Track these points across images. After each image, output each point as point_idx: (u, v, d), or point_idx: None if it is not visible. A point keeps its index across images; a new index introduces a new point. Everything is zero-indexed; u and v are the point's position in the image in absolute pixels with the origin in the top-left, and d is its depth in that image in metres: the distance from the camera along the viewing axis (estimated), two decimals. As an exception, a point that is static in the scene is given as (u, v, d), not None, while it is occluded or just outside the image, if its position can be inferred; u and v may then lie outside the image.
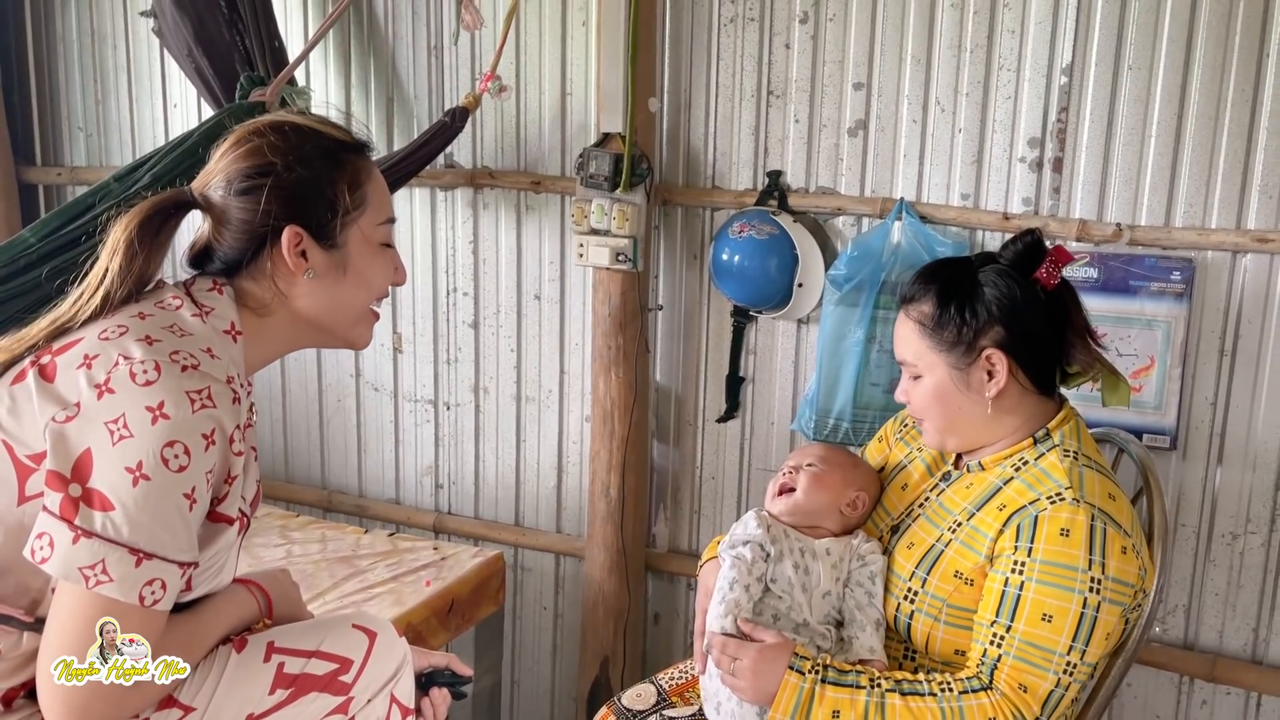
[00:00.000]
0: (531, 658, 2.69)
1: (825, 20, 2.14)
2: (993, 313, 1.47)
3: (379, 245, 1.31)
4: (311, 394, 2.79)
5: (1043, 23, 1.99)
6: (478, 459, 2.65)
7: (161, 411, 1.08)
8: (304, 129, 1.28)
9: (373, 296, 1.33)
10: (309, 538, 2.50)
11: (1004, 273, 1.49)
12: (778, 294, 2.20)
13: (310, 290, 1.27)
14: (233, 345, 1.23)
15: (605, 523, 2.41)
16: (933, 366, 1.51)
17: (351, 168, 1.28)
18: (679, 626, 2.53)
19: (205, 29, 2.23)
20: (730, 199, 2.27)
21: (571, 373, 2.51)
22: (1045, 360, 1.52)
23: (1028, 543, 1.40)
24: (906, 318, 1.54)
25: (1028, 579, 1.38)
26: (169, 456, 1.08)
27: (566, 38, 2.34)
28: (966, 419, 1.52)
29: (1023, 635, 1.37)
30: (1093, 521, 1.39)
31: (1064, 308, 1.53)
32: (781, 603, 1.52)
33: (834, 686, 1.39)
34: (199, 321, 1.20)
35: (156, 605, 1.11)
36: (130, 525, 1.08)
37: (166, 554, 1.10)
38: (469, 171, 2.49)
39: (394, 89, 2.53)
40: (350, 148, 1.30)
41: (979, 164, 2.09)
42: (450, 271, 2.57)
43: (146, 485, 1.07)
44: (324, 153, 1.26)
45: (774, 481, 1.65)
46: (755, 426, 2.37)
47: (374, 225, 1.30)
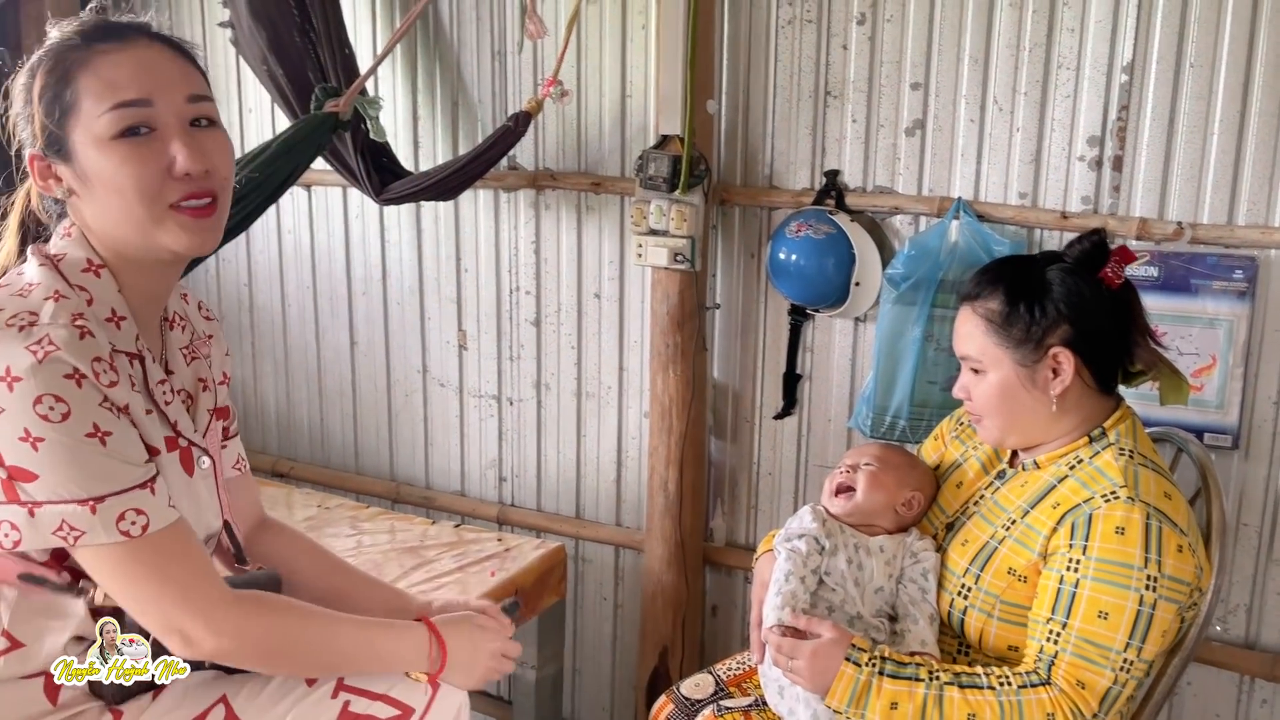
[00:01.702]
0: (592, 647, 2.75)
1: (883, 21, 2.16)
2: (1061, 310, 1.49)
3: (110, 138, 1.15)
4: (380, 389, 2.88)
5: (1103, 21, 1.99)
6: (539, 453, 2.71)
7: (12, 376, 1.07)
8: (38, 47, 1.20)
9: (142, 198, 1.16)
10: (378, 528, 2.59)
11: (1071, 271, 1.51)
12: (834, 292, 2.22)
13: (84, 206, 1.19)
14: (97, 280, 1.19)
15: (664, 516, 2.46)
16: (998, 362, 1.52)
17: (61, 66, 1.17)
18: (736, 618, 2.57)
19: (279, 37, 2.31)
20: (787, 199, 2.30)
21: (630, 369, 2.56)
22: (1110, 359, 1.53)
23: (1082, 540, 1.41)
24: (972, 313, 1.54)
25: (1083, 576, 1.40)
26: (44, 412, 1.07)
27: (626, 42, 2.39)
28: (1029, 416, 1.53)
29: (1079, 632, 1.39)
30: (1148, 520, 1.40)
31: (1128, 307, 1.54)
32: (835, 595, 1.56)
33: (891, 679, 1.42)
34: (46, 270, 1.17)
35: (149, 528, 1.12)
36: (58, 483, 1.08)
37: (112, 489, 1.10)
38: (531, 173, 2.55)
39: (459, 94, 2.60)
40: (68, 45, 1.18)
41: (1037, 163, 2.09)
42: (513, 271, 2.64)
43: (44, 445, 1.07)
44: (34, 68, 1.18)
45: (831, 479, 1.68)
46: (812, 423, 2.40)
47: (95, 119, 1.15)
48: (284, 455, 3.04)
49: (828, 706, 1.44)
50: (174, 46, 1.22)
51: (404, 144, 2.65)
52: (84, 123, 1.15)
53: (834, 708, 1.43)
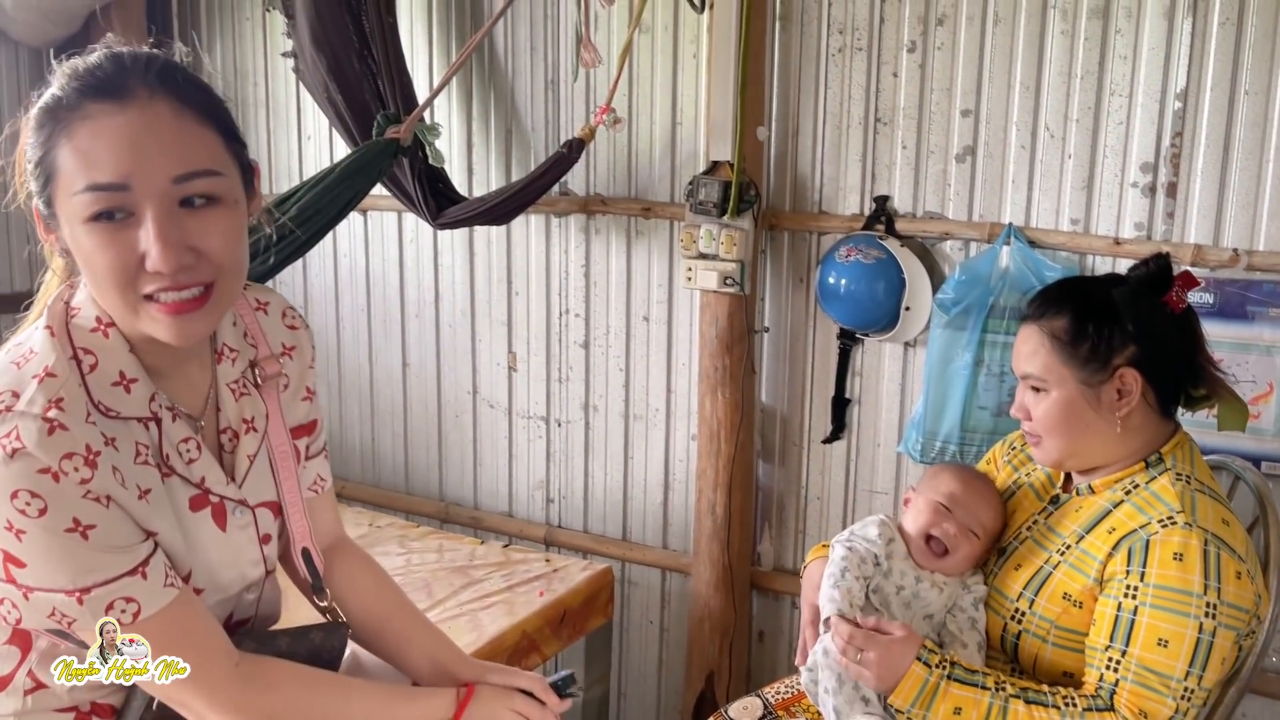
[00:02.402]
0: (638, 670, 2.75)
1: (933, 49, 2.18)
2: (1129, 331, 1.48)
3: (84, 221, 1.03)
4: (431, 410, 2.92)
5: (1156, 48, 1.99)
6: (587, 475, 2.74)
7: None
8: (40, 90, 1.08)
9: (112, 282, 1.05)
10: (427, 547, 2.62)
11: (1138, 292, 1.50)
12: (884, 317, 2.23)
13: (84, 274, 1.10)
14: (105, 341, 1.11)
15: (711, 540, 2.46)
16: (1062, 381, 1.50)
17: (49, 129, 1.05)
18: (783, 644, 2.56)
19: (340, 66, 2.38)
20: (837, 224, 2.31)
21: (678, 392, 2.58)
22: (1175, 381, 1.52)
23: (1140, 566, 1.40)
24: (1037, 330, 1.53)
25: (1141, 603, 1.39)
26: (21, 507, 1.02)
27: (678, 70, 2.43)
28: (1091, 437, 1.52)
29: (1139, 660, 1.37)
30: (1206, 546, 1.39)
31: (1191, 331, 1.53)
32: (880, 614, 1.56)
33: (959, 684, 1.42)
34: (48, 337, 1.10)
35: (141, 614, 1.08)
36: (44, 574, 1.05)
37: (98, 579, 1.06)
38: (582, 199, 2.59)
39: (512, 122, 2.65)
40: (60, 102, 1.05)
41: (1089, 189, 2.09)
42: (563, 294, 2.68)
43: (28, 538, 1.03)
44: (32, 121, 1.07)
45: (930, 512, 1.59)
46: (861, 448, 2.40)
47: (69, 196, 1.03)
48: (336, 475, 3.05)
49: (890, 705, 1.44)
50: (183, 101, 1.06)
51: (459, 170, 2.70)
52: (62, 196, 1.05)
53: (898, 705, 1.43)
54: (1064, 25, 2.06)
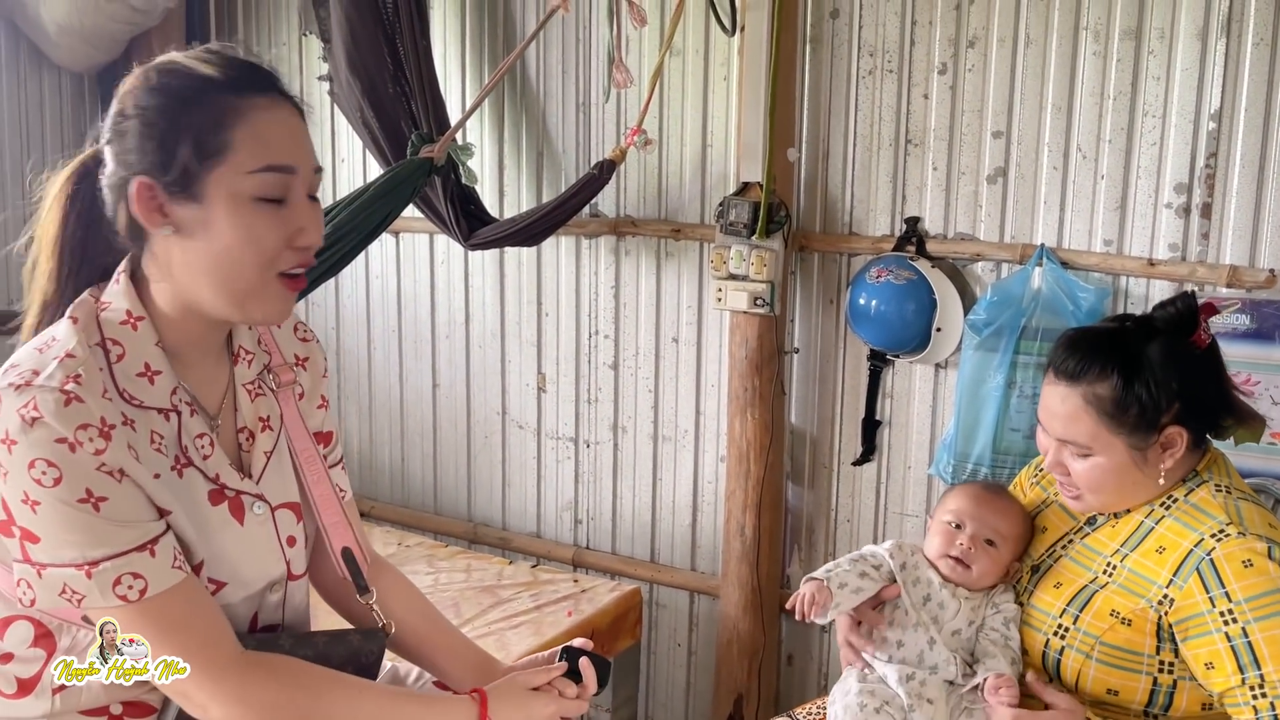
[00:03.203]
0: (665, 693, 2.74)
1: (964, 71, 2.18)
2: (1173, 389, 1.44)
3: (253, 199, 1.12)
4: (460, 431, 2.94)
5: (1189, 69, 1.99)
6: (615, 496, 2.73)
7: (9, 439, 1.06)
8: (174, 68, 1.14)
9: (259, 261, 1.13)
10: (455, 567, 2.62)
11: (1170, 342, 1.46)
12: (915, 338, 2.22)
13: (178, 250, 1.13)
14: (134, 333, 1.15)
15: (740, 562, 2.45)
16: (1110, 448, 1.46)
17: (214, 109, 1.11)
18: (812, 668, 2.54)
19: (375, 88, 2.42)
20: (867, 245, 2.31)
21: (707, 414, 2.58)
22: (1213, 421, 1.51)
23: (1219, 589, 1.37)
24: (1078, 398, 1.47)
25: (1245, 623, 1.34)
26: (37, 476, 1.06)
27: (708, 92, 2.45)
28: (1137, 490, 1.50)
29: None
30: (1270, 547, 1.37)
31: (1218, 363, 1.52)
32: (909, 619, 1.54)
33: None
34: (72, 327, 1.13)
35: (148, 592, 1.10)
36: (56, 547, 1.07)
37: (107, 552, 1.08)
38: (612, 220, 2.61)
39: (543, 144, 2.68)
40: (220, 85, 1.12)
41: (1122, 210, 2.08)
42: (592, 315, 2.69)
43: (41, 509, 1.06)
44: (179, 93, 1.12)
45: (942, 534, 1.60)
46: (891, 470, 2.38)
47: (243, 174, 1.11)
48: (365, 495, 3.11)
49: None
50: (300, 112, 1.19)
51: (490, 192, 2.73)
52: (229, 175, 1.11)
53: None
54: (1096, 46, 2.06)
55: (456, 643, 1.44)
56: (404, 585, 1.46)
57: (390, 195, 2.20)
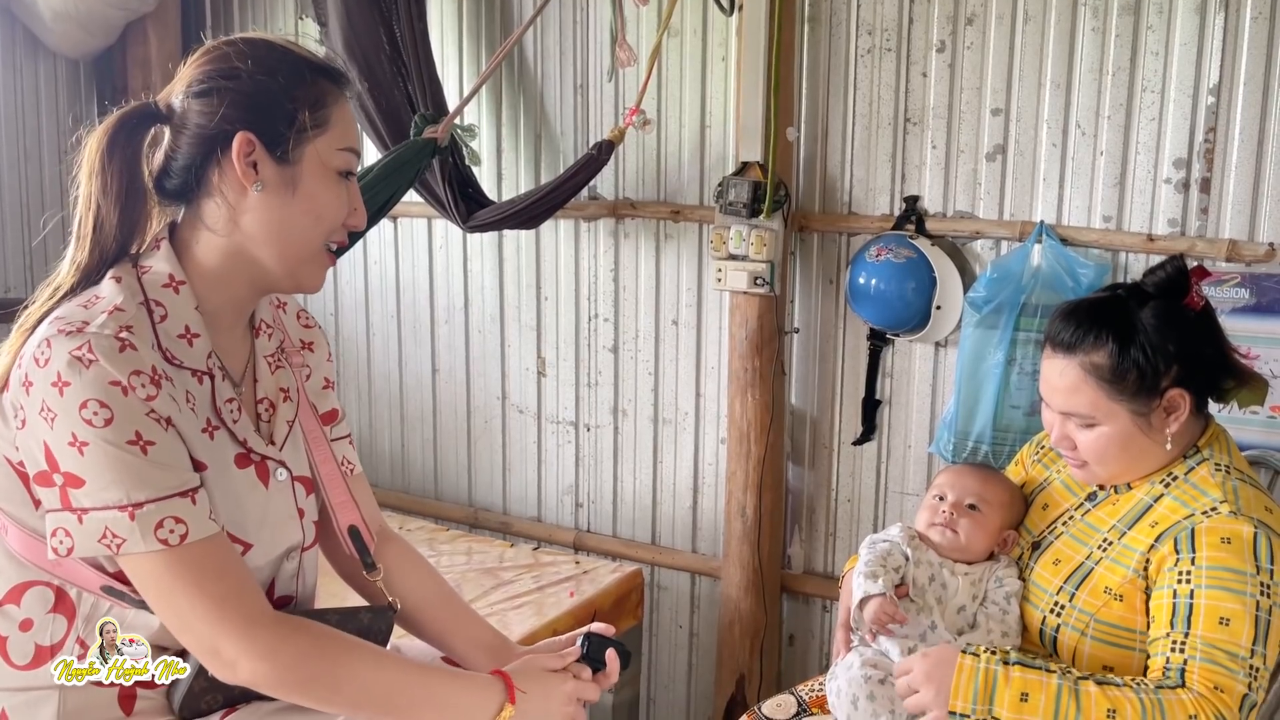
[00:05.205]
0: (667, 675, 2.74)
1: (962, 49, 2.18)
2: (1170, 351, 1.45)
3: (336, 172, 1.24)
4: (460, 415, 2.93)
5: (1188, 44, 1.99)
6: (616, 479, 2.74)
7: (62, 381, 1.09)
8: (276, 44, 1.24)
9: (323, 229, 1.24)
10: (456, 550, 2.63)
11: (1163, 305, 1.47)
12: (915, 316, 2.23)
13: (258, 207, 1.21)
14: (175, 296, 1.21)
15: (741, 542, 2.45)
16: (1113, 415, 1.47)
17: (318, 88, 1.23)
18: (814, 648, 2.55)
19: (372, 72, 2.41)
20: (867, 224, 2.31)
21: (707, 396, 2.58)
22: (1213, 382, 1.51)
23: (1189, 552, 1.39)
24: (1076, 368, 1.48)
25: (1197, 586, 1.36)
26: (88, 417, 1.09)
27: (707, 72, 2.44)
28: (1144, 458, 1.50)
29: (1204, 639, 1.34)
30: (1255, 531, 1.37)
31: (1214, 325, 1.52)
32: (913, 605, 1.55)
33: (1021, 667, 1.35)
34: (117, 285, 1.19)
35: (188, 538, 1.12)
36: (101, 488, 1.10)
37: (151, 495, 1.11)
38: (611, 202, 2.60)
39: (541, 126, 2.67)
40: (320, 70, 1.25)
41: (1121, 186, 2.08)
42: (592, 298, 2.69)
43: (89, 450, 1.09)
44: (290, 66, 1.22)
45: (928, 508, 1.66)
46: (892, 449, 2.39)
47: (333, 149, 1.23)
48: (365, 480, 3.11)
49: (952, 712, 1.35)
50: None
51: (488, 174, 2.73)
52: (324, 147, 1.23)
53: (961, 709, 1.34)
54: (1095, 22, 2.06)
55: (471, 622, 1.44)
56: (418, 562, 1.47)
57: (393, 177, 2.20)
